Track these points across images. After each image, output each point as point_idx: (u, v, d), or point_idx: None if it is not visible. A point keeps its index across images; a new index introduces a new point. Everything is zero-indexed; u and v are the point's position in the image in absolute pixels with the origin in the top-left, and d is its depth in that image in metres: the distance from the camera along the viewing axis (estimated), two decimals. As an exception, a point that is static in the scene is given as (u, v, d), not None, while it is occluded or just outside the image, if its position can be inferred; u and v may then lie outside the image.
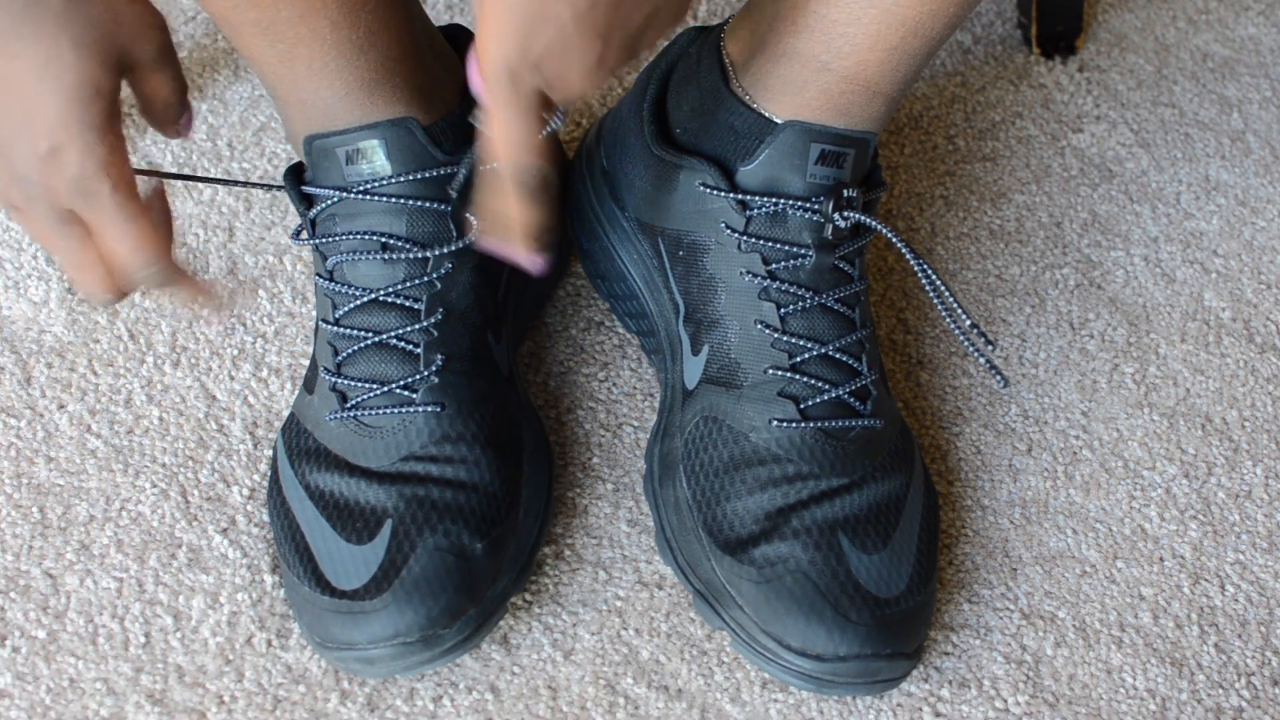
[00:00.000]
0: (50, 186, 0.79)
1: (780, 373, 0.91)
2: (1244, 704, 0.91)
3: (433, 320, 0.91)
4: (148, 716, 0.89)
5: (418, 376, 0.90)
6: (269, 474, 0.96)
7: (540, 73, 0.76)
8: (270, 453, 0.98)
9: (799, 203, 0.89)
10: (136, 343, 1.02)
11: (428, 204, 0.89)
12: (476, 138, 0.89)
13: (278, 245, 1.06)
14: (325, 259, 0.91)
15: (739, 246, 0.91)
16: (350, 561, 0.88)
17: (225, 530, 0.95)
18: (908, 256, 0.89)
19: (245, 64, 1.16)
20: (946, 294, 0.90)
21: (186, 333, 1.02)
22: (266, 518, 0.95)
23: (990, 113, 1.16)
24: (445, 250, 0.90)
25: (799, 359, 0.91)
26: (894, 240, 0.88)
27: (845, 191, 0.89)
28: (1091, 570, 0.96)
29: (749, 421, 0.91)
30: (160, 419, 0.99)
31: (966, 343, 0.90)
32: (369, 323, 0.91)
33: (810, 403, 0.91)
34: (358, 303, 0.91)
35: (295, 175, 0.92)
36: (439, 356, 0.91)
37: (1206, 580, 0.96)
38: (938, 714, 0.90)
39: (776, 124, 0.89)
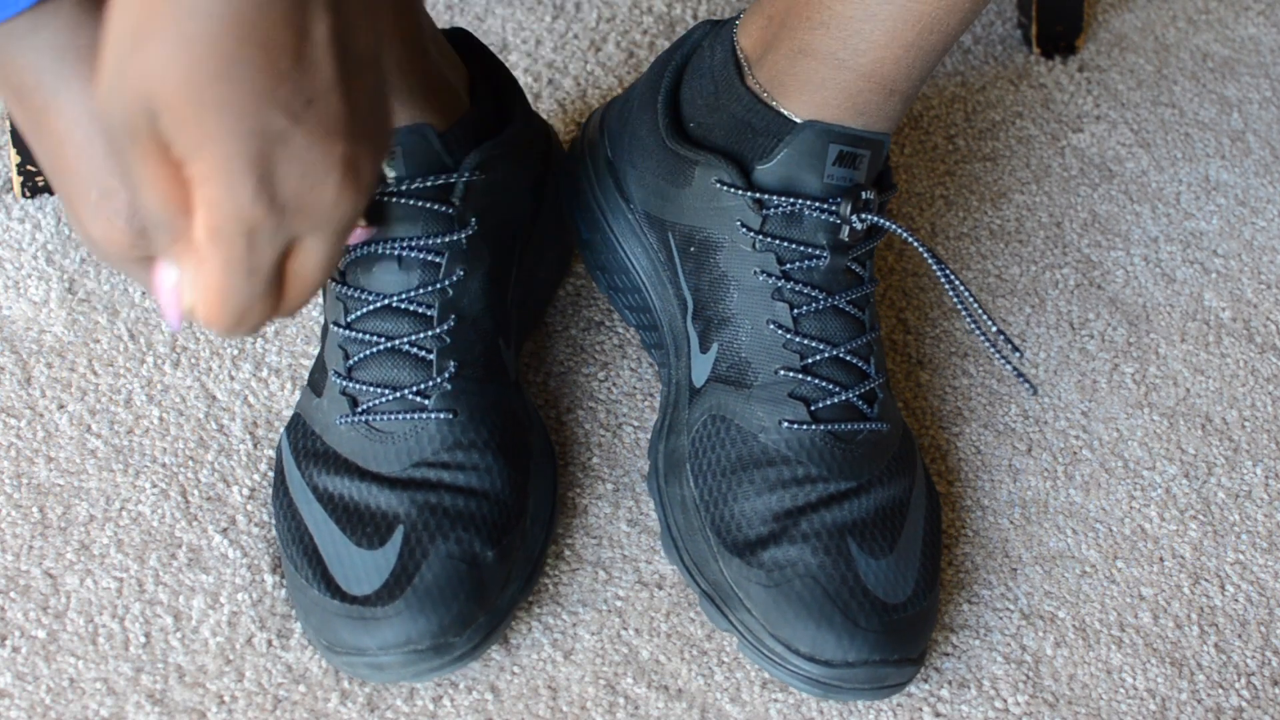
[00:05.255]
0: (113, 241, 0.71)
1: (791, 374, 0.91)
2: (1244, 704, 0.91)
3: (445, 327, 0.91)
4: (148, 716, 0.89)
5: (430, 383, 0.90)
6: (273, 474, 0.96)
7: (286, 211, 0.63)
8: (271, 453, 0.98)
9: (816, 204, 0.89)
10: (136, 343, 1.02)
11: (439, 207, 0.89)
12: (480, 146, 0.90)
13: (278, 245, 1.06)
14: None
15: (754, 245, 0.90)
16: (361, 566, 0.88)
17: (225, 530, 0.95)
18: (930, 262, 0.89)
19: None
20: (970, 300, 0.90)
21: (187, 333, 1.02)
22: (268, 518, 0.95)
23: (990, 113, 1.16)
24: (448, 240, 0.90)
25: (810, 360, 0.91)
26: (915, 244, 0.88)
27: (863, 194, 0.89)
28: (1091, 570, 0.96)
29: (758, 422, 0.91)
30: (160, 419, 0.99)
31: (993, 350, 0.90)
32: (382, 328, 0.91)
33: (821, 405, 0.90)
34: (370, 307, 0.90)
35: None
36: (451, 363, 0.91)
37: (1206, 580, 0.96)
38: (938, 714, 0.90)
39: (795, 123, 0.89)
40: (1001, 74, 1.18)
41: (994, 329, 0.90)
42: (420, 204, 0.89)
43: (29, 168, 1.07)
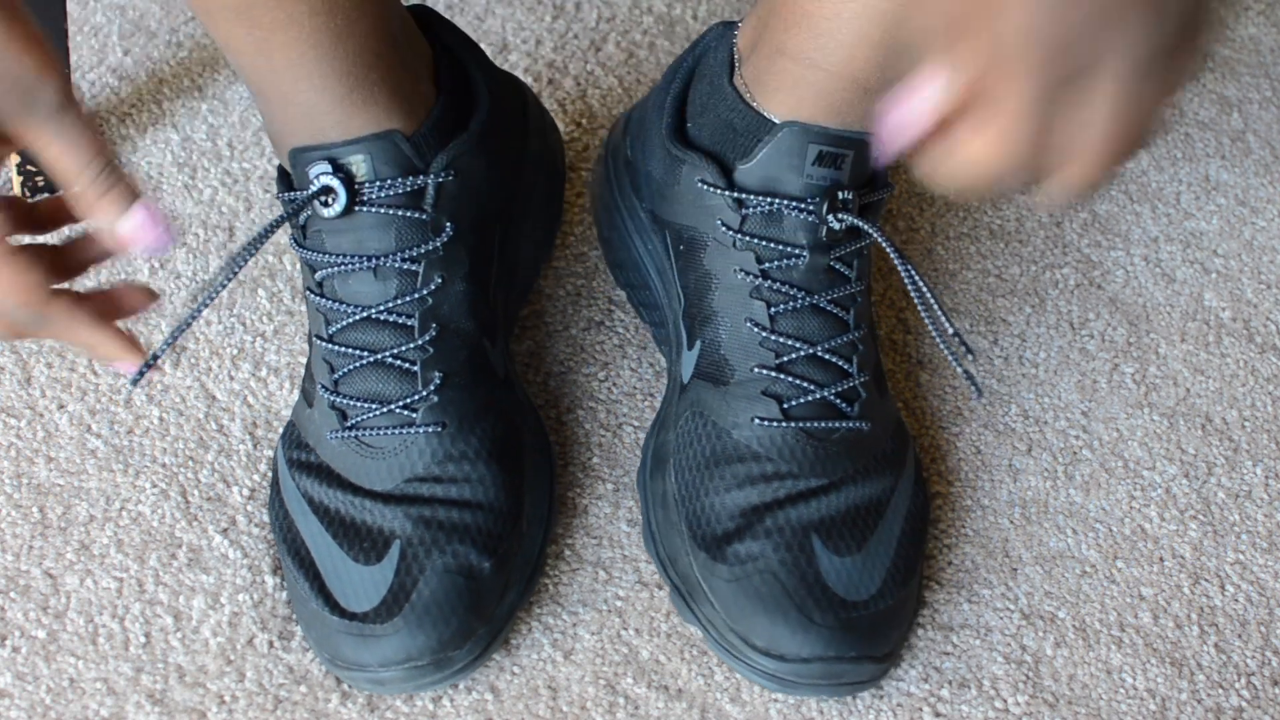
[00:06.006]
0: None
1: (766, 371, 0.91)
2: (1244, 704, 0.91)
3: (427, 337, 0.90)
4: (148, 716, 0.89)
5: (417, 396, 0.90)
6: (270, 480, 0.95)
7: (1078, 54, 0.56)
8: (270, 453, 0.98)
9: (794, 203, 0.89)
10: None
11: (411, 214, 0.88)
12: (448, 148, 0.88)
13: (278, 245, 1.06)
14: (314, 272, 0.90)
15: (734, 244, 0.91)
16: (359, 582, 0.87)
17: (225, 530, 0.95)
18: (895, 260, 0.89)
19: (245, 63, 1.16)
20: (931, 300, 0.90)
21: (186, 333, 1.02)
22: (267, 519, 0.95)
23: (990, 112, 1.16)
24: (424, 249, 0.89)
25: (786, 359, 0.91)
26: (884, 244, 0.88)
27: (840, 194, 0.89)
28: (1091, 570, 0.96)
29: (733, 418, 0.91)
30: (160, 419, 0.99)
31: (947, 351, 0.90)
32: (364, 340, 0.90)
33: (794, 403, 0.90)
34: (350, 320, 0.89)
35: (286, 180, 0.90)
36: (436, 374, 0.90)
37: (1206, 580, 0.96)
38: (938, 714, 0.90)
39: (774, 123, 0.89)
40: (1001, 74, 1.18)
41: (951, 331, 0.90)
42: (391, 212, 0.88)
43: (29, 167, 1.07)
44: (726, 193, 0.90)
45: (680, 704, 0.90)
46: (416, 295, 0.89)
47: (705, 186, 0.91)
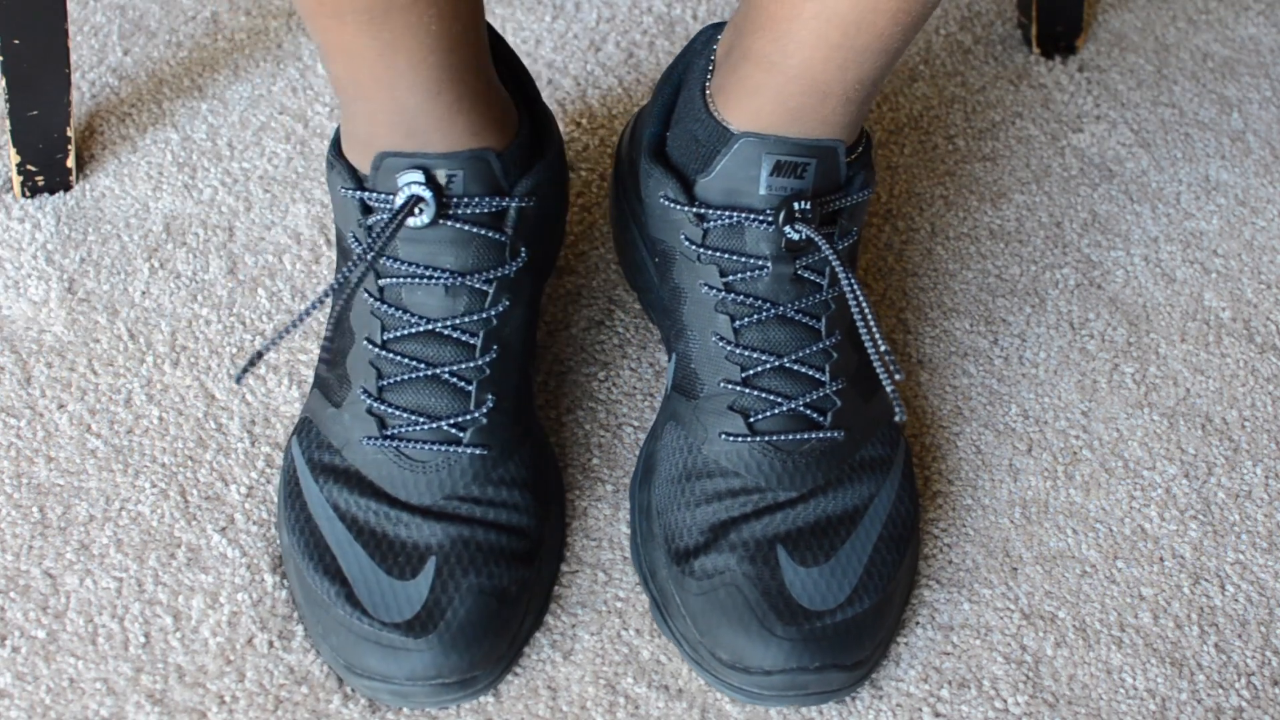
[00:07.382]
0: None
1: (732, 386, 0.90)
2: (1244, 704, 0.91)
3: (488, 358, 0.90)
4: (148, 716, 0.89)
5: (467, 416, 0.89)
6: (281, 480, 0.94)
7: None
8: (269, 450, 0.98)
9: (753, 215, 0.88)
10: (136, 343, 1.02)
11: (492, 234, 0.88)
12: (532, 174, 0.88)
13: (277, 245, 1.06)
14: (378, 278, 0.89)
15: (698, 258, 0.90)
16: (392, 595, 0.87)
17: (224, 529, 0.95)
18: (839, 273, 0.87)
19: (245, 64, 1.16)
20: (869, 315, 0.88)
21: (186, 332, 1.02)
22: (268, 515, 0.95)
23: (990, 113, 1.16)
24: (500, 272, 0.89)
25: (752, 372, 0.90)
26: (829, 256, 0.87)
27: (797, 204, 0.88)
28: (1091, 570, 0.96)
29: (702, 433, 0.91)
30: (160, 419, 0.99)
31: (879, 367, 0.88)
32: (422, 353, 0.89)
33: (760, 417, 0.90)
34: (411, 330, 0.89)
35: (353, 176, 0.89)
36: (490, 396, 0.90)
37: (1206, 580, 0.96)
38: (937, 714, 0.90)
39: (731, 134, 0.88)
40: (1001, 74, 1.18)
41: (883, 349, 0.89)
42: (473, 230, 0.87)
43: (29, 167, 1.07)
44: (686, 208, 0.89)
45: (680, 704, 0.90)
46: (484, 315, 0.89)
47: (667, 202, 0.90)
